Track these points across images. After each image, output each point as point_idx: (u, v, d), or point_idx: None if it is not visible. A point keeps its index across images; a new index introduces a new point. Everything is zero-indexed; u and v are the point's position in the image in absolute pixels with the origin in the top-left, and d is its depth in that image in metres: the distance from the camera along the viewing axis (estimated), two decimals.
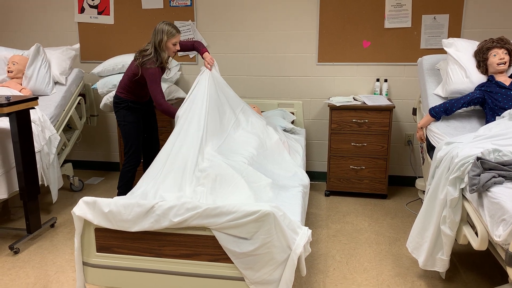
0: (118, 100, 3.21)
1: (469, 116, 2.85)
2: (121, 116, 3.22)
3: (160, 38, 3.02)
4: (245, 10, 3.93)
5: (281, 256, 1.80)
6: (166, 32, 3.02)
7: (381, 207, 3.56)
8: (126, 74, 3.18)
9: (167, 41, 3.05)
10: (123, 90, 3.20)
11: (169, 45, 3.07)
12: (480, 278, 2.51)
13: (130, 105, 3.20)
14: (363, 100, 3.61)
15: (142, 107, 3.30)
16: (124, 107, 3.19)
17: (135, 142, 3.24)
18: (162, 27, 3.04)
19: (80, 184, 4.00)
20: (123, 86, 3.20)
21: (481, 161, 1.99)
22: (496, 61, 2.75)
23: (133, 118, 3.22)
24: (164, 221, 1.83)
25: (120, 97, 3.21)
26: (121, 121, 3.23)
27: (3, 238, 3.06)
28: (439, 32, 3.67)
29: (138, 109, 3.26)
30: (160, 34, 3.02)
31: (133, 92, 3.19)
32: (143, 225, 1.86)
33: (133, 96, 3.21)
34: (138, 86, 3.17)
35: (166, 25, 3.05)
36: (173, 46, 3.11)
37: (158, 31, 3.03)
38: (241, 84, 4.10)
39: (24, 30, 4.38)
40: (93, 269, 2.01)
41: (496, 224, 1.80)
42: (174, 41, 3.09)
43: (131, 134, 3.22)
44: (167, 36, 3.03)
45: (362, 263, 2.68)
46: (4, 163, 2.88)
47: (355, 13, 3.76)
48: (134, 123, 3.22)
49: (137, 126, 3.24)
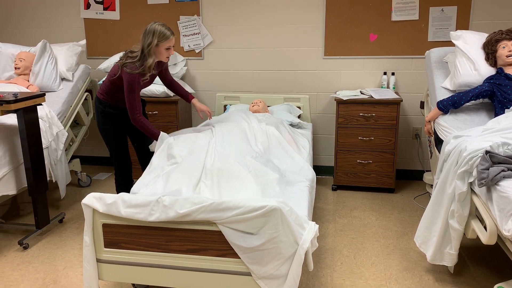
0: (97, 102, 2.88)
1: (478, 109, 2.82)
2: (99, 122, 2.90)
3: (150, 41, 2.61)
4: (250, 4, 3.92)
5: (288, 251, 1.80)
6: (157, 34, 2.61)
7: (388, 201, 3.54)
8: (109, 75, 2.80)
9: (159, 45, 2.64)
10: (103, 92, 2.85)
11: (161, 49, 2.67)
12: (489, 272, 2.49)
13: (108, 111, 2.84)
14: (370, 93, 3.59)
15: (123, 113, 2.90)
16: (101, 112, 2.86)
17: (115, 150, 2.93)
18: (153, 27, 2.62)
19: (87, 179, 4.02)
20: (104, 87, 2.84)
21: (490, 155, 1.97)
22: (505, 53, 2.72)
23: (111, 125, 2.87)
24: (171, 212, 1.83)
25: (99, 98, 2.87)
26: (100, 127, 2.92)
27: (13, 234, 3.09)
28: (447, 25, 3.63)
29: (117, 115, 2.88)
30: (150, 36, 2.61)
31: (112, 95, 2.83)
32: (151, 217, 1.87)
33: (112, 100, 2.84)
34: (117, 89, 2.79)
35: (159, 25, 2.63)
36: (166, 51, 2.70)
37: (149, 32, 2.62)
38: (247, 78, 4.09)
39: (30, 26, 4.40)
40: (101, 265, 2.02)
41: (505, 218, 1.78)
42: (168, 45, 2.68)
43: (109, 143, 2.93)
44: (158, 39, 2.62)
45: (370, 258, 2.68)
46: (12, 159, 2.91)
47: (362, 6, 3.72)
48: (112, 131, 2.89)
49: (115, 134, 2.90)
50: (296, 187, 2.38)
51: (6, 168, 2.85)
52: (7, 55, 3.76)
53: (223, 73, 4.12)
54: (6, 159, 2.85)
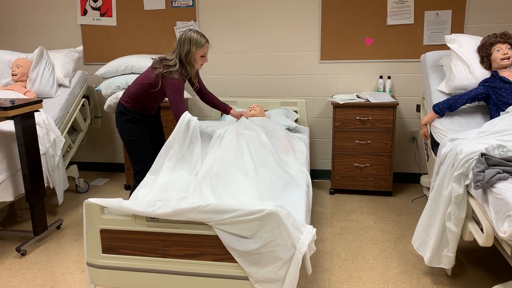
0: (123, 110, 2.83)
1: (473, 112, 2.83)
2: (126, 130, 2.84)
3: (188, 48, 2.65)
4: (247, 9, 3.93)
5: (286, 254, 1.80)
6: (194, 41, 2.65)
7: (386, 204, 3.55)
8: (139, 83, 2.79)
9: (195, 53, 2.68)
10: (130, 100, 2.82)
11: (196, 57, 2.71)
12: (486, 274, 2.50)
13: (138, 118, 2.84)
14: (367, 97, 3.60)
15: (148, 120, 2.96)
16: (129, 119, 2.83)
17: (145, 158, 2.87)
18: (189, 35, 2.65)
19: (85, 185, 4.02)
20: (132, 95, 2.81)
21: (485, 157, 1.98)
22: (500, 56, 2.74)
23: (141, 132, 2.86)
24: (168, 208, 1.82)
25: (125, 107, 2.83)
26: (126, 135, 2.85)
27: (10, 240, 3.08)
28: (442, 28, 3.66)
29: (144, 122, 2.91)
30: (188, 44, 2.65)
31: (143, 104, 2.84)
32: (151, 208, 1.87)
33: (141, 108, 2.85)
34: (152, 99, 2.82)
35: (194, 33, 2.67)
36: (201, 59, 2.74)
37: (185, 41, 2.66)
38: (244, 83, 4.10)
39: (27, 33, 4.41)
40: (99, 270, 2.02)
41: (502, 220, 1.79)
42: (203, 52, 2.72)
43: (139, 151, 2.86)
44: (196, 47, 2.66)
45: (368, 261, 2.68)
46: (10, 166, 2.90)
47: (357, 11, 3.75)
48: (142, 137, 2.87)
49: (145, 141, 2.89)
50: (293, 191, 2.39)
51: (4, 174, 2.85)
52: (4, 61, 3.76)
53: (220, 78, 4.13)
54: (4, 166, 2.85)
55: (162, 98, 2.87)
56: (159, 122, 3.13)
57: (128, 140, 2.86)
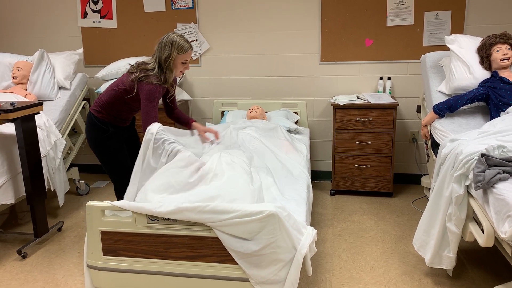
0: (95, 120, 2.53)
1: (473, 112, 2.84)
2: (98, 143, 2.53)
3: (169, 52, 2.41)
4: (247, 11, 3.94)
5: (286, 256, 1.80)
6: (176, 45, 2.41)
7: (386, 205, 3.55)
8: (112, 89, 2.51)
9: (176, 58, 2.44)
10: (102, 109, 2.54)
11: (176, 63, 2.46)
12: (487, 274, 2.50)
13: (111, 130, 2.54)
14: (367, 98, 3.60)
15: (123, 132, 2.67)
16: (103, 132, 2.54)
17: (123, 173, 2.59)
18: (172, 38, 2.41)
19: (86, 187, 4.02)
20: (104, 104, 2.53)
21: (485, 158, 1.98)
22: (500, 56, 2.74)
23: (116, 144, 2.56)
24: (169, 206, 1.83)
25: (97, 117, 2.54)
26: (100, 149, 2.55)
27: (11, 243, 3.08)
28: (442, 29, 3.66)
29: (119, 134, 2.62)
30: (169, 47, 2.41)
31: (116, 115, 2.55)
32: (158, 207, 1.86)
33: (114, 119, 2.56)
34: (126, 108, 2.55)
35: (178, 36, 2.43)
36: (182, 65, 2.49)
37: (166, 44, 2.41)
38: (244, 85, 4.10)
39: (27, 36, 4.42)
40: (100, 272, 2.02)
41: (502, 221, 1.79)
42: (185, 58, 2.48)
43: (115, 162, 2.58)
44: (177, 51, 2.42)
45: (369, 262, 2.68)
46: (11, 168, 2.91)
47: (357, 12, 3.75)
48: (118, 151, 2.58)
49: (122, 153, 2.60)
50: (294, 192, 2.39)
51: (5, 177, 2.85)
52: (4, 64, 3.77)
53: (220, 79, 4.14)
54: (4, 168, 2.85)
55: (137, 108, 2.59)
56: (135, 135, 2.85)
57: (103, 154, 2.57)
